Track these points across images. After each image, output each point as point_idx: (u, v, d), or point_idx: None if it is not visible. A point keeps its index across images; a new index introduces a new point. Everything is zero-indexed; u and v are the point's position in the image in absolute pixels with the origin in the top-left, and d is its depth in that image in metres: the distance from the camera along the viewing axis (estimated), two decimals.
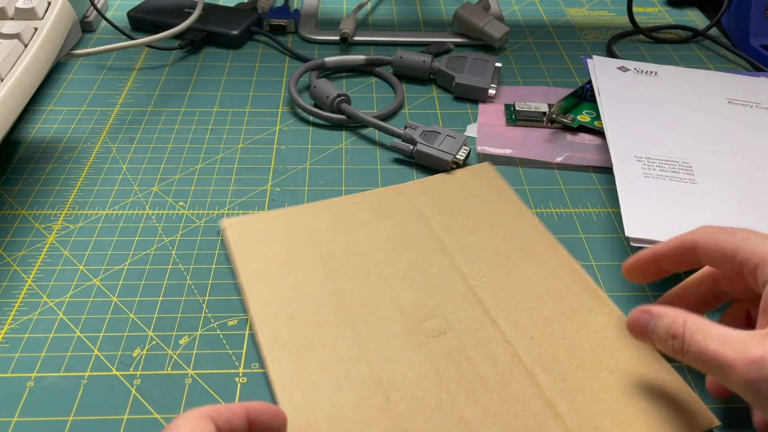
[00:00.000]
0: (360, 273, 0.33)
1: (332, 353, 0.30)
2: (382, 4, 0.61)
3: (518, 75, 0.51)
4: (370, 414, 0.27)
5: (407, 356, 0.30)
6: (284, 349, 0.30)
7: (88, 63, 0.51)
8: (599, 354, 0.30)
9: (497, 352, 0.30)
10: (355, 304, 0.32)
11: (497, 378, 0.29)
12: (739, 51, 0.54)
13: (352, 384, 0.29)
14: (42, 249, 0.35)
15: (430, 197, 0.38)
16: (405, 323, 0.31)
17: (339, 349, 0.30)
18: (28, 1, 0.38)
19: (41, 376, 0.29)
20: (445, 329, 0.31)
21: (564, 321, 0.31)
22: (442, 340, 0.30)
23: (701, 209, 0.35)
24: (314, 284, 0.33)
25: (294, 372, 0.29)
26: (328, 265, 0.34)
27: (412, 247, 0.35)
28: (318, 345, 0.30)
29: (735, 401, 0.29)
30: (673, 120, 0.41)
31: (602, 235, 0.37)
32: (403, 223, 0.36)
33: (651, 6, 0.62)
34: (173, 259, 0.35)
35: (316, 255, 0.34)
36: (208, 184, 0.40)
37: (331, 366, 0.29)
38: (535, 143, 0.43)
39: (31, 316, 0.32)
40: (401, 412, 0.27)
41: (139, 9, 0.56)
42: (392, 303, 0.32)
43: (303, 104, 0.45)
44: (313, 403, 0.28)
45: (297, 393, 0.28)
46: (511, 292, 0.33)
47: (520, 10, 0.61)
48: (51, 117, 0.45)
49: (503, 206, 0.37)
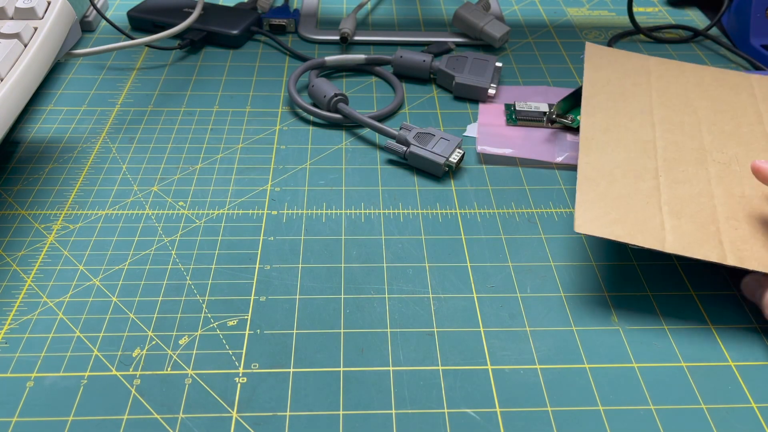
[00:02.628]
0: (681, 125, 0.38)
1: (632, 163, 0.35)
2: (382, 4, 0.61)
3: (518, 75, 0.51)
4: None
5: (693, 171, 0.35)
6: (592, 144, 0.36)
7: (88, 63, 0.51)
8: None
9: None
10: (667, 143, 0.36)
11: None
12: (740, 51, 0.54)
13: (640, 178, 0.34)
14: (42, 249, 0.35)
15: None
16: (700, 156, 0.36)
17: (639, 163, 0.35)
18: (27, 1, 0.38)
19: (41, 376, 0.29)
20: (732, 163, 0.35)
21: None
22: (726, 167, 0.35)
23: None
24: (636, 112, 0.38)
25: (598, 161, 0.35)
26: (657, 104, 0.39)
27: (733, 116, 0.39)
28: (621, 153, 0.35)
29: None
30: None
31: None
32: (736, 98, 0.41)
33: (651, 6, 0.62)
34: (173, 259, 0.35)
35: (650, 97, 0.40)
36: (208, 184, 0.40)
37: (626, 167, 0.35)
38: (536, 143, 0.43)
39: (31, 316, 0.32)
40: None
41: (138, 9, 0.56)
42: (697, 150, 0.36)
43: (301, 103, 0.45)
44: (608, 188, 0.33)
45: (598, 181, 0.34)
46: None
47: (521, 9, 0.61)
48: (51, 117, 0.45)
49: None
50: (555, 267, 0.35)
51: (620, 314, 0.33)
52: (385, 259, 0.35)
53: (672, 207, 0.33)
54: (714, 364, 0.31)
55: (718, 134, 0.37)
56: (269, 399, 0.29)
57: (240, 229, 0.37)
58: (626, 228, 0.31)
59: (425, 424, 0.28)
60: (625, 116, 0.38)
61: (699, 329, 0.32)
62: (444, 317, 0.32)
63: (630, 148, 0.36)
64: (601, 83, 0.41)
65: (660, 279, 0.35)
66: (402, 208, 0.39)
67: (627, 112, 0.39)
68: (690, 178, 0.34)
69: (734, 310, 0.33)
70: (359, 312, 0.33)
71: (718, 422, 0.28)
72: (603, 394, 0.29)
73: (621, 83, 0.41)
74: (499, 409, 0.28)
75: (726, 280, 0.35)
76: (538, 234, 0.37)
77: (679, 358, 0.31)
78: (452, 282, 0.34)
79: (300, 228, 0.37)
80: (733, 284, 0.34)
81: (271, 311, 0.32)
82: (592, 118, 0.38)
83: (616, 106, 0.39)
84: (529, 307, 0.33)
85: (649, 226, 0.31)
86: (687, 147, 0.36)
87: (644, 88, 0.41)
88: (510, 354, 0.31)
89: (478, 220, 0.38)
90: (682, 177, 0.34)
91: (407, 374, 0.30)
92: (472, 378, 0.30)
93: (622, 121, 0.38)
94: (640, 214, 0.32)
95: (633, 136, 0.37)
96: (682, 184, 0.34)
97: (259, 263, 0.35)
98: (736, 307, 0.33)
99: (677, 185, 0.34)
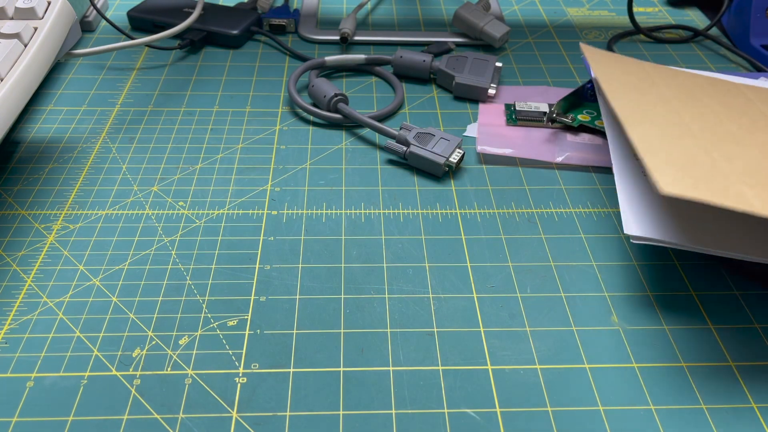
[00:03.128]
0: (702, 115, 0.37)
1: (677, 142, 0.33)
2: (382, 4, 0.61)
3: (518, 75, 0.51)
4: None
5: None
6: (634, 119, 0.34)
7: (87, 63, 0.51)
8: None
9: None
10: (701, 127, 0.35)
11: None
12: (740, 51, 0.54)
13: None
14: (42, 249, 0.35)
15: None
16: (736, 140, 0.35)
17: (684, 142, 0.33)
18: (27, 1, 0.38)
19: (41, 376, 0.29)
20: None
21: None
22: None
23: None
24: (656, 102, 0.37)
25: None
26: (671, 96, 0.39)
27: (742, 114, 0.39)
28: (662, 132, 0.34)
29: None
30: None
31: (603, 235, 0.37)
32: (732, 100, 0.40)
33: (651, 6, 0.62)
34: (173, 259, 0.35)
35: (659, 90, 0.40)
36: (208, 184, 0.40)
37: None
38: (536, 143, 0.43)
39: (31, 316, 0.32)
40: None
41: (138, 9, 0.56)
42: (731, 134, 0.35)
43: (301, 103, 0.45)
44: None
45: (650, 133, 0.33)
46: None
47: (521, 9, 0.61)
48: (51, 117, 0.45)
49: None
50: (555, 267, 0.35)
51: (620, 314, 0.33)
52: (385, 259, 0.35)
53: (740, 178, 0.31)
54: (714, 364, 0.31)
55: (739, 125, 0.37)
56: (269, 399, 0.29)
57: (240, 229, 0.37)
58: (710, 191, 0.29)
59: (425, 424, 0.28)
60: (648, 104, 0.37)
61: (699, 329, 0.32)
62: (444, 317, 0.32)
63: (667, 130, 0.34)
64: (611, 76, 0.40)
65: (660, 279, 0.35)
66: (402, 208, 0.39)
67: (647, 101, 0.38)
68: (740, 155, 0.33)
69: (734, 310, 0.33)
70: (359, 312, 0.33)
71: (718, 422, 0.28)
72: (603, 394, 0.29)
73: (627, 79, 0.40)
74: (499, 409, 0.28)
75: (726, 280, 0.35)
76: (538, 234, 0.37)
77: (679, 358, 0.31)
78: (452, 282, 0.34)
79: (300, 228, 0.37)
80: (733, 284, 0.34)
81: (271, 311, 0.32)
82: (620, 100, 0.37)
83: (635, 96, 0.38)
84: (529, 307, 0.33)
85: (731, 193, 0.29)
86: (720, 131, 0.35)
87: (650, 83, 0.40)
88: (510, 354, 0.31)
89: (478, 220, 0.38)
90: (734, 154, 0.33)
91: (407, 374, 0.30)
92: (472, 378, 0.30)
93: (648, 107, 0.37)
94: (716, 183, 0.30)
95: (664, 120, 0.35)
96: (737, 159, 0.32)
97: (259, 263, 0.35)
98: (736, 307, 0.33)
99: (733, 160, 0.32)
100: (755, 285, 0.34)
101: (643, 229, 0.33)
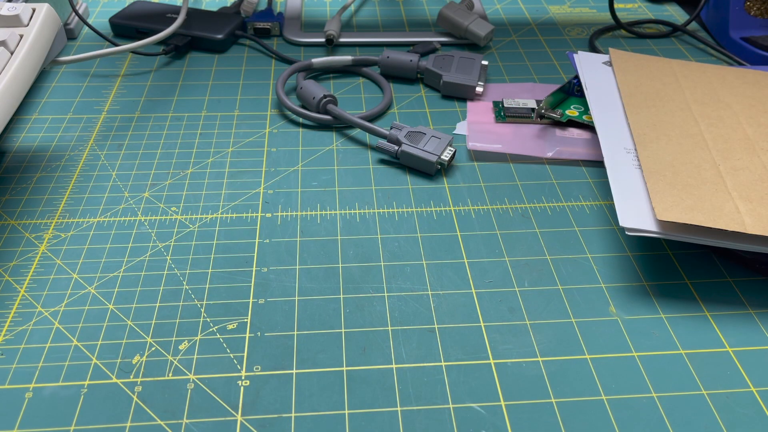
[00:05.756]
0: (721, 119, 0.39)
1: (688, 155, 0.36)
2: (366, 6, 0.61)
3: (504, 72, 0.52)
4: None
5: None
6: (646, 138, 0.37)
7: (71, 71, 0.51)
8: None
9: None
10: (714, 136, 0.37)
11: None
12: (720, 46, 0.54)
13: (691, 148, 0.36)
14: (34, 259, 0.35)
15: None
16: (749, 146, 0.37)
17: (695, 154, 0.36)
18: (12, 8, 0.38)
19: (40, 387, 0.29)
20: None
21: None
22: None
23: None
24: (676, 110, 0.40)
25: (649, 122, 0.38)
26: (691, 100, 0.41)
27: None
28: (674, 146, 0.36)
29: None
30: None
31: (596, 228, 0.37)
32: None
33: (631, 2, 0.63)
34: (168, 264, 0.35)
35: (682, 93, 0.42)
36: (200, 189, 0.40)
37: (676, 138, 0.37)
38: (526, 139, 0.44)
39: (26, 326, 0.31)
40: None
41: (121, 15, 0.55)
42: (744, 141, 0.37)
43: (290, 105, 0.45)
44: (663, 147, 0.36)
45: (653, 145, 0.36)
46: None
47: (503, 8, 0.61)
48: (36, 126, 0.45)
49: None
50: (551, 260, 0.35)
51: (617, 304, 0.33)
52: (382, 258, 0.35)
53: (740, 192, 0.33)
54: (712, 351, 0.31)
55: (757, 126, 0.38)
56: (273, 401, 0.29)
57: (235, 233, 0.37)
58: (704, 213, 0.32)
59: (431, 420, 0.28)
60: (666, 114, 0.39)
61: (695, 317, 0.33)
62: (444, 313, 0.32)
63: (681, 141, 0.37)
64: (634, 85, 0.42)
65: (654, 269, 0.35)
66: (396, 207, 0.39)
67: (667, 109, 0.40)
68: (747, 165, 0.35)
69: (729, 297, 0.34)
70: (359, 311, 0.32)
71: (719, 407, 0.28)
72: (605, 383, 0.29)
73: (652, 84, 0.42)
74: (503, 403, 0.29)
75: (719, 267, 0.35)
76: (532, 228, 0.37)
77: (678, 345, 0.31)
78: (450, 278, 0.34)
79: (295, 229, 0.37)
80: (726, 271, 0.35)
81: (270, 313, 0.32)
82: (637, 116, 0.39)
83: (655, 104, 0.40)
84: (527, 301, 0.33)
85: (725, 211, 0.32)
86: (733, 138, 0.37)
87: (675, 87, 0.42)
88: (511, 348, 0.31)
89: (473, 216, 0.38)
90: (740, 165, 0.35)
91: (410, 371, 0.30)
92: (475, 373, 0.30)
93: (665, 117, 0.39)
94: (713, 201, 0.33)
95: (679, 130, 0.38)
96: (742, 171, 0.35)
97: (256, 266, 0.35)
98: (730, 293, 0.34)
99: (737, 172, 0.34)
100: (747, 271, 0.35)
101: (638, 221, 0.33)
